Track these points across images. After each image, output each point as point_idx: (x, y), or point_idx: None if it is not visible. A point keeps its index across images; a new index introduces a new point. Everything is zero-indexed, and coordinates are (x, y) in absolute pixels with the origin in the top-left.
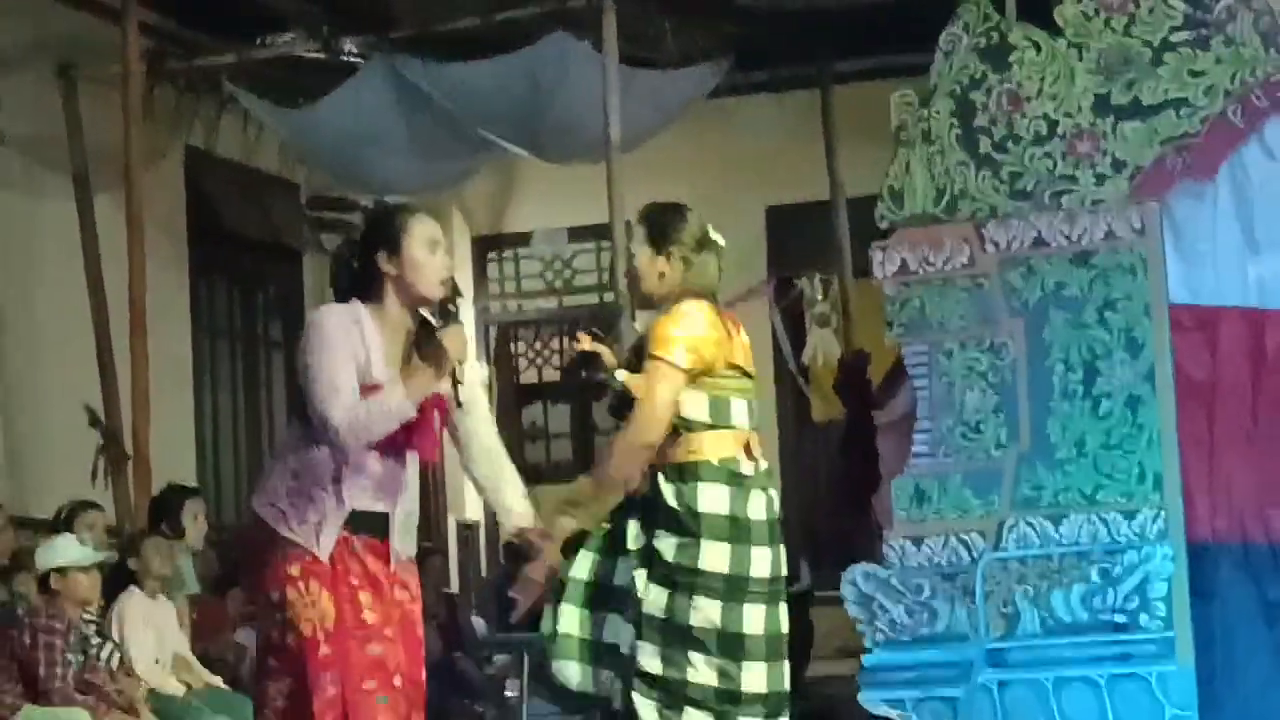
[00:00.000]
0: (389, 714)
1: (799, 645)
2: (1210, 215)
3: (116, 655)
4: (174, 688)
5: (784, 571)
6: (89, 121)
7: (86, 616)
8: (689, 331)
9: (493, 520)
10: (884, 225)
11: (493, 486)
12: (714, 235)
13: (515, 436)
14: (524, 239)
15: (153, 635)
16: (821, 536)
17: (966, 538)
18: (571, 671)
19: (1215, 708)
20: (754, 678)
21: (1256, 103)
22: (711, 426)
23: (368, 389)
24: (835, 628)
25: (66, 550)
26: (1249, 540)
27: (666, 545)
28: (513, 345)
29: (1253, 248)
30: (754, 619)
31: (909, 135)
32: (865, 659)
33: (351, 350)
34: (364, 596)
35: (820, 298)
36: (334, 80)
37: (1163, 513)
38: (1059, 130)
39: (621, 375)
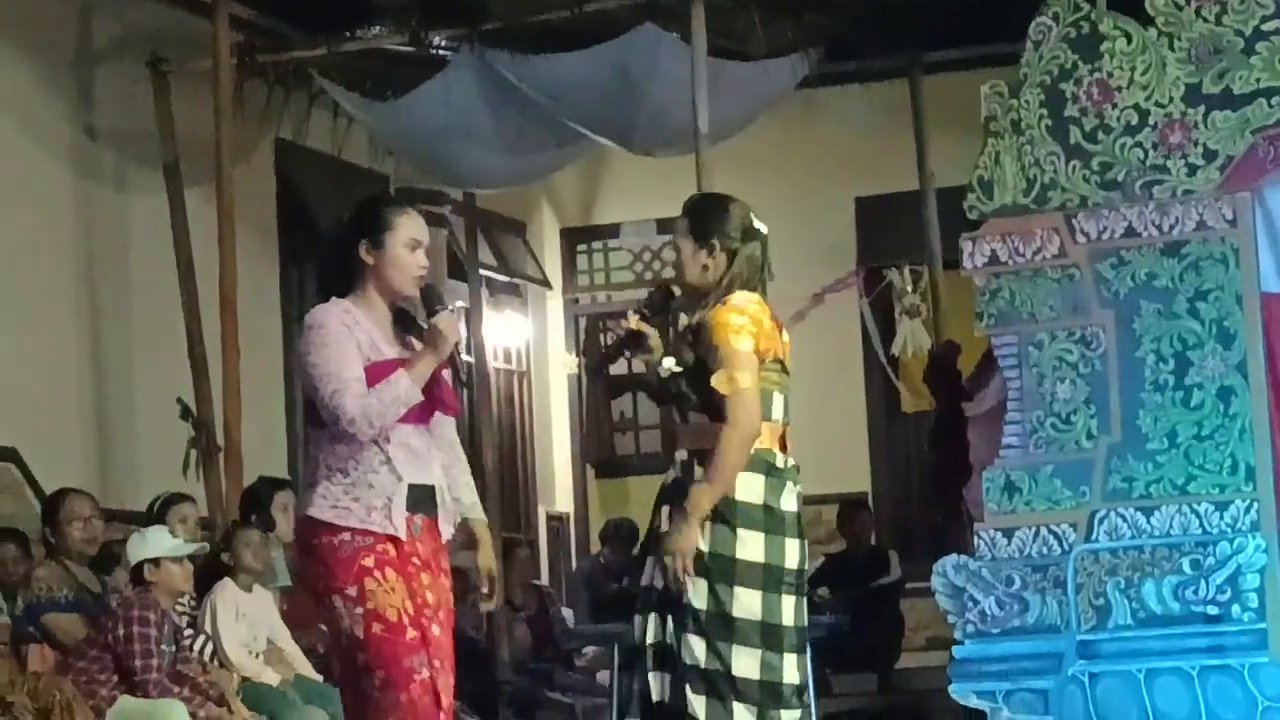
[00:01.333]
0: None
1: (889, 637)
2: None
3: (209, 647)
4: (267, 679)
5: (807, 565)
6: (180, 115)
7: (179, 608)
8: (750, 320)
9: (582, 511)
10: (973, 216)
11: (449, 478)
12: (758, 225)
13: (605, 428)
14: (612, 231)
15: (245, 627)
16: (912, 528)
17: (1057, 529)
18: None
19: None
20: (790, 669)
21: None
22: None
23: (386, 365)
24: (925, 620)
25: (159, 542)
26: None
27: (700, 534)
28: (602, 337)
29: None
30: (788, 610)
31: (999, 126)
32: (955, 650)
33: (354, 342)
34: (425, 578)
35: (909, 289)
36: (423, 73)
37: (1255, 504)
38: (1150, 120)
39: (669, 362)
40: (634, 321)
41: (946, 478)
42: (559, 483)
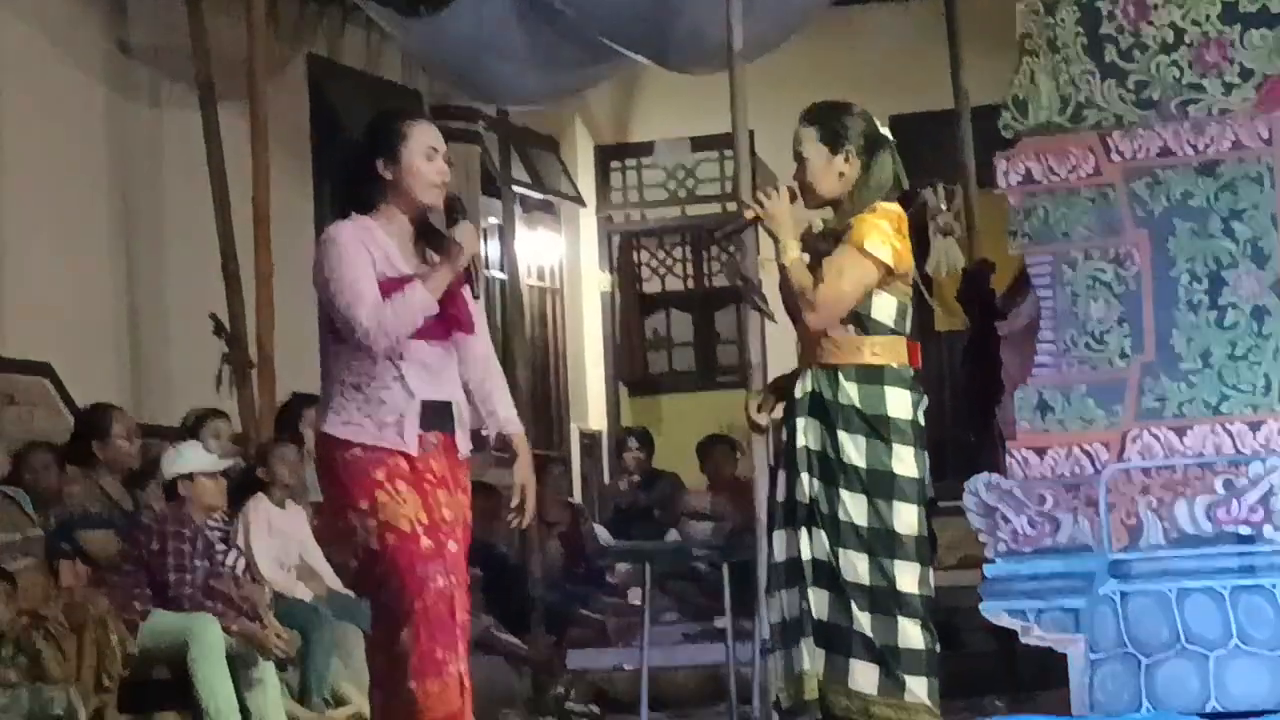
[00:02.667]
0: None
1: None
2: None
3: (242, 562)
4: (299, 593)
5: None
6: (213, 31)
7: (213, 523)
8: (894, 231)
9: (615, 428)
10: (1008, 135)
11: (483, 393)
12: (884, 131)
13: (638, 345)
14: (647, 149)
15: (278, 542)
16: (944, 447)
17: (1090, 448)
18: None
19: None
20: (932, 582)
21: None
22: (894, 332)
23: (399, 281)
24: (957, 538)
25: (193, 457)
26: None
27: (854, 448)
28: (635, 255)
29: None
30: (925, 522)
31: (1034, 44)
32: (987, 569)
33: (368, 257)
34: (441, 494)
35: (944, 207)
36: None
37: None
38: (1186, 39)
39: (794, 254)
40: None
41: (979, 396)
42: (592, 400)
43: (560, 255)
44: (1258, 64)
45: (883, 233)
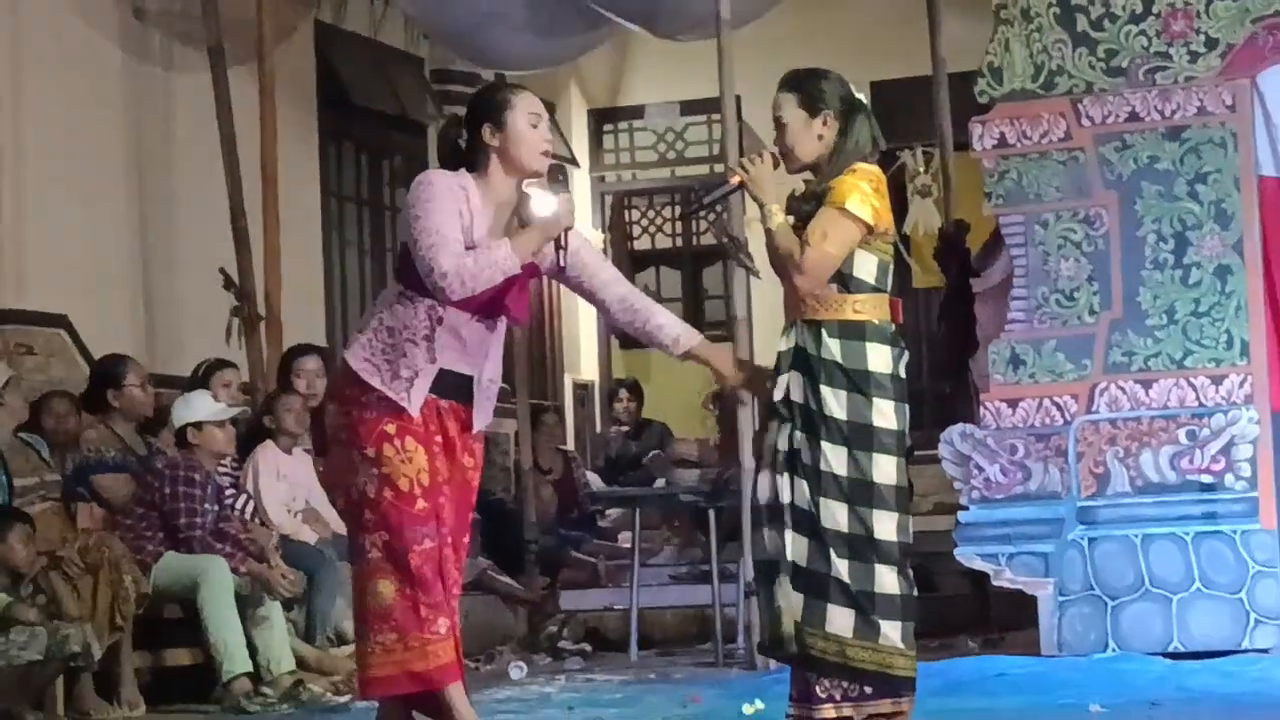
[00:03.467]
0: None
1: None
2: None
3: (250, 506)
4: (304, 536)
5: None
6: None
7: (222, 469)
8: (873, 191)
9: (606, 380)
10: (984, 100)
11: (642, 323)
12: (859, 95)
13: None
14: (638, 112)
15: (285, 487)
16: (921, 398)
17: (1060, 400)
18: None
19: None
20: (910, 530)
21: None
22: (876, 289)
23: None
24: (932, 486)
25: (203, 406)
26: None
27: (835, 402)
28: (626, 213)
29: None
30: (905, 472)
31: (1009, 13)
32: (961, 515)
33: (458, 208)
34: (445, 459)
35: (922, 170)
36: None
37: (1249, 378)
38: (1154, 9)
39: (780, 215)
40: (742, 175)
41: (954, 351)
42: (584, 353)
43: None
44: (1222, 34)
45: (862, 193)
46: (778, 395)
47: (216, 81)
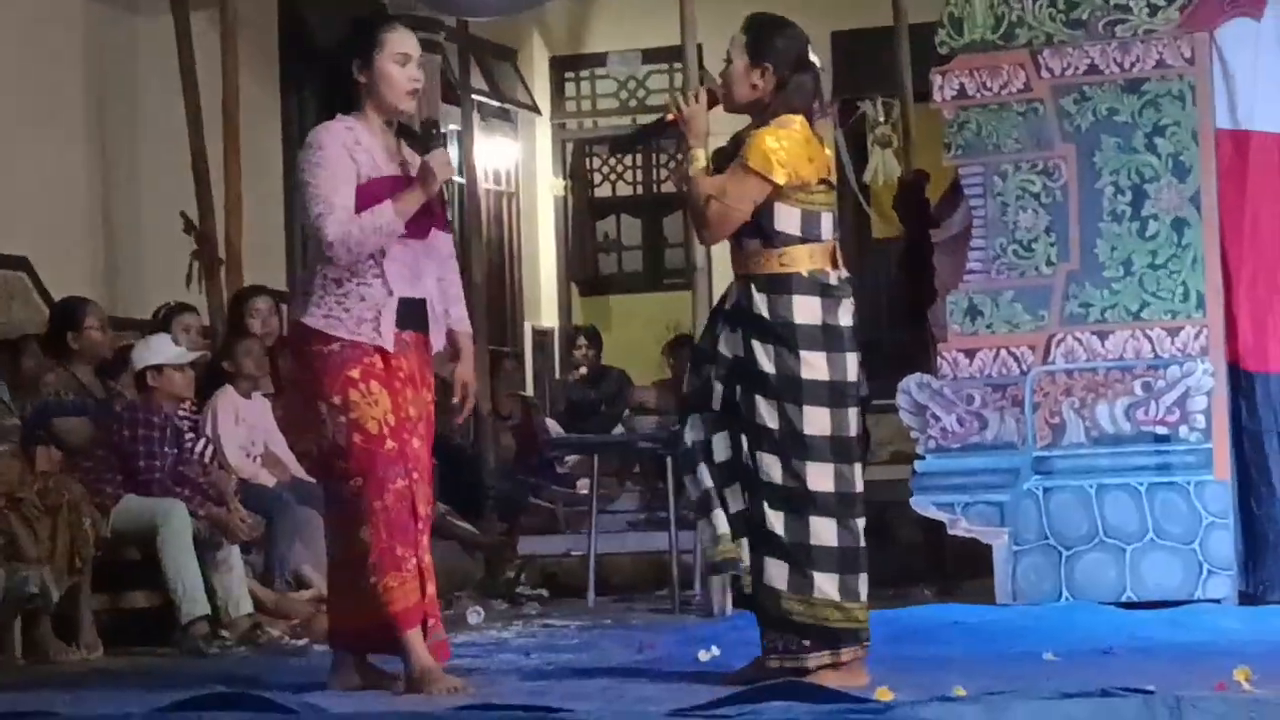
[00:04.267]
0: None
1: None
2: (1253, 46)
3: (209, 450)
4: (263, 480)
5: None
6: None
7: (182, 413)
8: (787, 147)
9: (566, 326)
10: (944, 51)
11: (441, 290)
12: (812, 58)
13: (590, 248)
14: (600, 60)
15: (244, 431)
16: (879, 348)
17: (1016, 351)
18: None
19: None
20: (859, 478)
21: None
22: (804, 240)
23: (383, 182)
24: (890, 435)
25: (162, 349)
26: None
27: (764, 356)
28: (587, 161)
29: None
30: (852, 422)
31: None
32: (917, 465)
33: (351, 164)
34: (409, 392)
35: (882, 120)
36: None
37: (1204, 330)
38: None
39: (701, 161)
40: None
41: (912, 301)
42: (544, 299)
43: (516, 161)
44: None
45: (770, 149)
46: (722, 350)
47: (178, 24)
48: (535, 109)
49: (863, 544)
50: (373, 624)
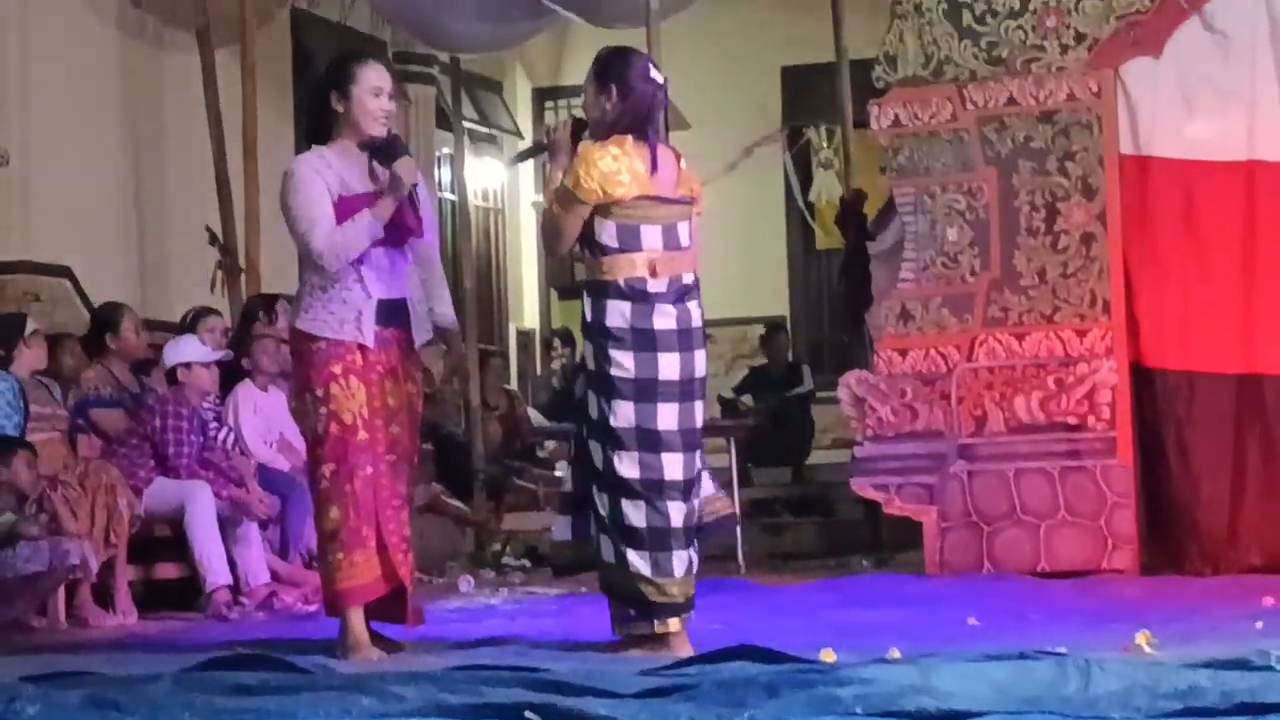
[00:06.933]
0: (402, 482)
1: (801, 438)
2: (1153, 81)
3: (231, 438)
4: (279, 465)
5: (699, 373)
6: None
7: (206, 405)
8: (598, 167)
9: (546, 327)
10: (880, 85)
11: (426, 288)
12: (655, 74)
13: (565, 256)
14: (576, 90)
15: (261, 421)
16: (823, 347)
17: (944, 350)
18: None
19: None
20: (673, 467)
21: None
22: (621, 250)
23: (355, 199)
24: (832, 424)
25: (190, 349)
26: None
27: (589, 354)
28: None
29: (1188, 111)
30: (667, 416)
31: (903, 9)
32: (856, 450)
33: (323, 185)
34: (388, 383)
35: (825, 145)
36: None
37: (1109, 332)
38: (1030, 6)
39: (555, 185)
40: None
41: (852, 305)
42: (527, 303)
43: (502, 180)
44: (1090, 29)
45: (581, 172)
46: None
47: (203, 61)
48: (519, 134)
49: (676, 524)
50: (360, 588)
